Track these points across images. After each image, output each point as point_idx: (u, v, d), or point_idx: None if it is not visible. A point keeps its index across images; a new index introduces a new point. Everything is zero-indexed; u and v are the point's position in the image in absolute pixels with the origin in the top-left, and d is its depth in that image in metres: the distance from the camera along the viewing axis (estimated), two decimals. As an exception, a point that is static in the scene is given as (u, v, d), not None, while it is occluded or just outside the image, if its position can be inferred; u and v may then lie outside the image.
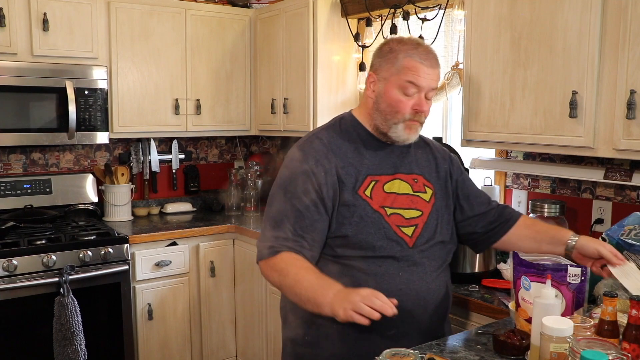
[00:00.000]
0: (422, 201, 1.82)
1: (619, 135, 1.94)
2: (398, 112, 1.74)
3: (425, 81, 1.73)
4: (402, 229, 1.76)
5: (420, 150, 1.91)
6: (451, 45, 2.91)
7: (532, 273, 1.63)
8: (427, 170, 1.88)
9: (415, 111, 1.74)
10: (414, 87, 1.72)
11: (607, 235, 1.93)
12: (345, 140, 1.81)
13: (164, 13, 3.54)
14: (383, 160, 1.81)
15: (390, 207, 1.76)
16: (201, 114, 3.73)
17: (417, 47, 1.75)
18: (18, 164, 3.54)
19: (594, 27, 1.98)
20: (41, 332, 2.89)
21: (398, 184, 1.80)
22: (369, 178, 1.77)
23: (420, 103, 1.74)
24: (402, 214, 1.77)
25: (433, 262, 1.80)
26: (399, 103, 1.74)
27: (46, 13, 3.14)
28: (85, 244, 3.04)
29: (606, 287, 1.88)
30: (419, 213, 1.80)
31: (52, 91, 3.18)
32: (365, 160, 1.79)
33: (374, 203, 1.75)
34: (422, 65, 1.72)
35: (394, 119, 1.76)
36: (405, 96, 1.73)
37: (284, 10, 3.54)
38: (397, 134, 1.78)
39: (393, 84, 1.74)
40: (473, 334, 1.75)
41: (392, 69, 1.74)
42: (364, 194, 1.75)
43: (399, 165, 1.83)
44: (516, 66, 2.24)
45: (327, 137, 1.82)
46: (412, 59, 1.72)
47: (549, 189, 2.63)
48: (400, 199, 1.79)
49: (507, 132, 2.29)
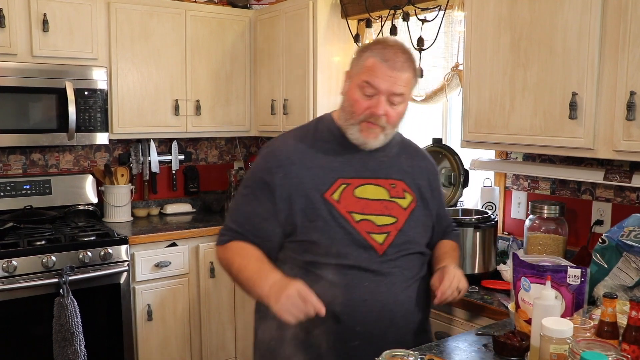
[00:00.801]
0: (398, 208, 1.73)
1: (618, 136, 1.94)
2: (354, 112, 1.67)
3: (384, 83, 1.62)
4: (372, 236, 1.67)
5: (407, 157, 1.84)
6: (451, 47, 2.91)
7: (532, 274, 1.63)
8: (409, 177, 1.80)
9: (370, 113, 1.64)
10: (370, 87, 1.63)
11: (606, 237, 1.93)
12: (318, 141, 1.75)
13: (163, 14, 3.54)
14: (359, 163, 1.73)
15: (360, 212, 1.68)
16: (201, 115, 3.73)
17: (387, 47, 1.65)
18: (18, 165, 3.53)
19: (593, 28, 1.98)
20: (41, 332, 2.89)
21: (372, 189, 1.72)
22: (340, 181, 1.69)
23: (376, 105, 1.63)
24: (374, 221, 1.68)
25: (405, 272, 1.70)
26: (355, 103, 1.66)
27: (46, 14, 3.14)
28: (85, 244, 3.04)
29: (606, 289, 1.89)
30: (392, 220, 1.71)
31: (52, 92, 3.18)
32: (336, 163, 1.71)
33: (341, 207, 1.67)
34: (383, 66, 1.62)
35: (351, 120, 1.68)
36: (364, 96, 1.65)
37: (283, 11, 3.54)
38: (354, 136, 1.70)
39: (354, 82, 1.67)
40: (473, 335, 1.75)
41: (356, 68, 1.68)
42: (331, 198, 1.67)
43: (376, 170, 1.75)
44: (516, 67, 2.24)
45: (295, 139, 1.76)
46: (375, 59, 1.63)
47: (549, 190, 2.63)
48: (373, 204, 1.70)
49: (507, 133, 2.29)
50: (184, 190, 4.13)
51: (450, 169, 2.77)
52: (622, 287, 1.87)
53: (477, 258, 2.37)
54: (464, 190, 2.75)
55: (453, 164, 2.75)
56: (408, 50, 1.70)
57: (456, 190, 2.75)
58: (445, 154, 2.78)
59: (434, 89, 2.99)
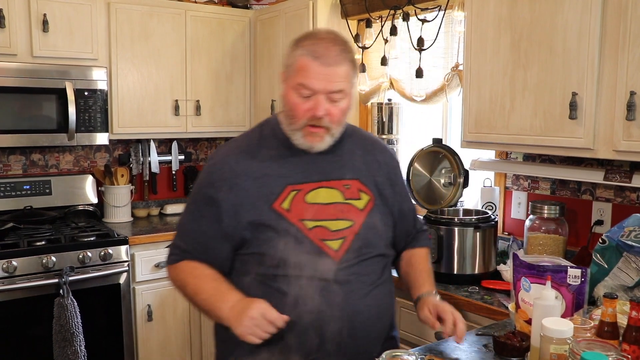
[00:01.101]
0: (354, 210, 1.63)
1: (618, 136, 1.94)
2: (294, 116, 1.56)
3: (320, 83, 1.51)
4: (326, 243, 1.57)
5: (362, 152, 1.72)
6: (451, 47, 2.91)
7: (532, 274, 1.63)
8: (364, 174, 1.69)
9: (311, 115, 1.54)
10: (306, 89, 1.52)
11: (607, 237, 1.93)
12: (263, 148, 1.64)
13: (163, 14, 3.54)
14: (309, 166, 1.62)
15: (312, 219, 1.57)
16: (201, 115, 3.73)
17: (318, 42, 1.54)
18: (18, 165, 3.53)
19: (594, 29, 1.98)
20: (41, 333, 2.89)
21: (324, 192, 1.61)
22: (289, 188, 1.59)
23: (316, 106, 1.52)
24: (328, 226, 1.58)
25: (364, 278, 1.60)
26: (294, 106, 1.55)
27: (46, 14, 3.14)
28: (85, 245, 3.04)
29: (606, 289, 1.89)
30: (348, 224, 1.60)
31: (52, 92, 3.18)
32: (285, 169, 1.61)
33: (292, 216, 1.56)
34: (315, 64, 1.51)
35: (293, 125, 1.58)
36: (302, 99, 1.54)
37: (283, 12, 3.54)
38: (299, 141, 1.59)
39: (289, 85, 1.56)
40: (473, 335, 1.75)
41: (289, 68, 1.57)
42: (281, 207, 1.57)
43: (328, 171, 1.64)
44: (516, 67, 2.24)
45: (239, 148, 1.65)
46: (305, 58, 1.52)
47: (549, 190, 2.63)
48: (326, 209, 1.59)
49: (507, 133, 2.29)
50: (184, 190, 4.13)
51: (450, 169, 2.77)
52: (622, 287, 1.87)
53: (477, 258, 2.37)
54: (464, 190, 2.75)
55: (453, 164, 2.75)
56: (342, 39, 1.59)
57: (456, 191, 2.75)
58: (446, 154, 2.78)
59: (434, 89, 2.99)
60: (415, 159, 2.86)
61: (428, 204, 2.82)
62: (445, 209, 2.62)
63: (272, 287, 1.56)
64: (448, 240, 2.37)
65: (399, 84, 3.21)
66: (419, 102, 3.08)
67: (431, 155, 2.83)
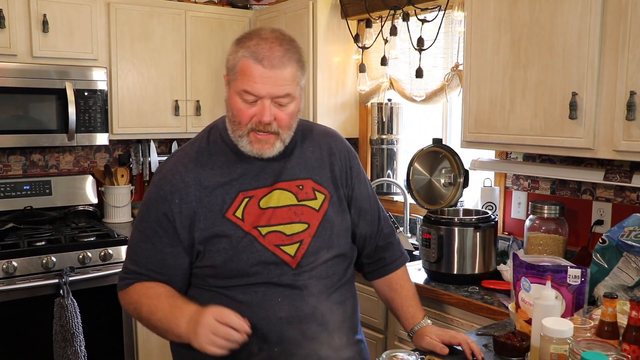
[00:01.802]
0: (309, 211, 1.55)
1: (618, 136, 1.94)
2: (240, 122, 1.48)
3: (264, 88, 1.42)
4: (282, 249, 1.50)
5: (313, 147, 1.63)
6: (451, 47, 2.91)
7: (532, 274, 1.63)
8: (318, 172, 1.60)
9: (257, 121, 1.45)
10: (250, 95, 1.44)
11: (607, 237, 1.93)
12: (212, 155, 1.55)
13: (163, 14, 3.54)
14: (260, 171, 1.54)
15: (267, 225, 1.50)
16: (201, 115, 3.73)
17: (260, 42, 1.44)
18: (18, 165, 3.54)
19: (594, 29, 1.98)
20: (41, 333, 2.89)
21: (277, 195, 1.53)
22: (241, 195, 1.51)
23: (261, 112, 1.44)
24: (283, 231, 1.51)
25: (323, 281, 1.54)
26: (239, 112, 1.47)
27: (46, 14, 3.14)
28: (85, 245, 3.04)
29: (606, 289, 1.89)
30: (304, 226, 1.53)
31: (52, 92, 3.18)
32: (235, 175, 1.53)
33: (246, 224, 1.49)
34: (259, 67, 1.42)
35: (238, 131, 1.49)
36: (246, 104, 1.45)
37: (283, 12, 3.54)
38: (246, 148, 1.50)
39: (233, 90, 1.47)
40: (473, 335, 1.75)
41: (232, 72, 1.48)
42: (234, 216, 1.49)
43: (279, 173, 1.55)
44: (516, 68, 2.24)
45: (187, 157, 1.56)
46: (248, 60, 1.43)
47: (549, 190, 2.63)
48: (280, 212, 1.52)
49: (507, 133, 2.29)
50: (184, 190, 4.12)
51: (450, 169, 2.77)
52: (622, 287, 1.87)
53: (477, 258, 2.37)
54: (464, 190, 2.75)
55: (453, 164, 2.75)
56: (288, 38, 1.49)
57: (456, 191, 2.75)
58: (446, 154, 2.78)
59: (434, 89, 2.99)
60: (415, 159, 2.86)
61: (428, 204, 2.82)
62: (445, 209, 2.62)
63: (229, 297, 1.49)
64: (448, 240, 2.37)
65: (399, 84, 3.22)
66: (419, 102, 3.08)
67: (431, 155, 2.84)
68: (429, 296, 2.31)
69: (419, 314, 1.69)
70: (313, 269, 1.53)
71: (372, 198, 1.73)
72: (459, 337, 1.59)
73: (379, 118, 3.35)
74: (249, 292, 1.49)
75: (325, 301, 1.54)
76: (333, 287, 1.56)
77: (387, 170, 3.39)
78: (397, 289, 1.73)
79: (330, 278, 1.56)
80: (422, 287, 2.35)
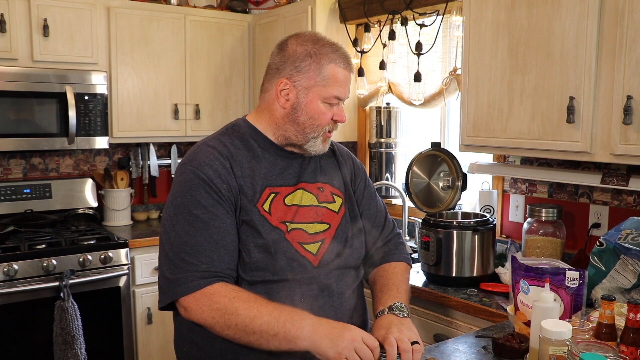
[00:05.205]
0: (329, 213, 1.61)
1: (616, 140, 1.96)
2: (320, 124, 1.55)
3: (346, 90, 1.58)
4: (305, 247, 1.54)
5: (324, 156, 1.70)
6: (449, 51, 2.93)
7: (530, 277, 1.64)
8: (333, 178, 1.69)
9: (335, 122, 1.58)
10: (337, 99, 1.56)
11: (604, 240, 1.94)
12: (239, 149, 1.57)
13: (163, 19, 3.56)
14: (284, 170, 1.60)
15: (292, 221, 1.54)
16: (200, 119, 3.75)
17: (337, 49, 1.55)
18: (18, 169, 3.54)
19: (591, 33, 2.00)
20: (41, 336, 2.90)
21: (300, 194, 1.59)
22: (268, 190, 1.55)
23: (341, 113, 1.58)
24: (305, 229, 1.55)
25: (343, 281, 1.59)
26: (322, 115, 1.55)
27: (46, 19, 3.16)
28: (85, 248, 3.05)
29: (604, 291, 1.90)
30: (325, 226, 1.58)
31: (52, 96, 3.19)
32: (262, 171, 1.56)
33: (273, 219, 1.52)
34: (346, 73, 1.55)
35: (314, 132, 1.56)
36: (328, 106, 1.55)
37: (282, 16, 3.56)
38: (315, 147, 1.59)
39: (317, 95, 1.53)
40: (472, 337, 1.77)
41: (316, 78, 1.52)
42: (263, 209, 1.52)
43: (301, 174, 1.62)
44: (514, 72, 2.26)
45: (220, 144, 1.57)
46: (337, 66, 1.53)
47: (547, 194, 2.65)
48: (303, 211, 1.57)
49: (505, 137, 2.31)
50: (183, 194, 4.13)
51: (448, 172, 2.79)
52: (619, 290, 1.88)
53: (475, 261, 2.38)
54: (462, 193, 2.77)
55: (451, 167, 2.77)
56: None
57: (455, 194, 2.77)
58: (444, 158, 2.79)
59: (432, 93, 3.01)
60: (414, 163, 2.87)
61: (427, 207, 2.83)
62: (443, 212, 2.64)
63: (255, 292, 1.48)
64: (447, 243, 2.38)
65: (397, 88, 3.23)
66: (418, 106, 3.10)
67: (430, 159, 2.85)
68: (428, 299, 2.32)
69: (390, 300, 1.58)
70: (333, 270, 1.57)
71: (378, 201, 1.82)
72: (389, 339, 1.41)
73: (377, 122, 3.36)
74: (273, 289, 1.49)
75: (347, 301, 1.59)
76: (351, 289, 1.62)
77: (385, 173, 3.41)
78: (384, 275, 1.70)
79: (348, 278, 1.61)
80: (421, 289, 2.36)
